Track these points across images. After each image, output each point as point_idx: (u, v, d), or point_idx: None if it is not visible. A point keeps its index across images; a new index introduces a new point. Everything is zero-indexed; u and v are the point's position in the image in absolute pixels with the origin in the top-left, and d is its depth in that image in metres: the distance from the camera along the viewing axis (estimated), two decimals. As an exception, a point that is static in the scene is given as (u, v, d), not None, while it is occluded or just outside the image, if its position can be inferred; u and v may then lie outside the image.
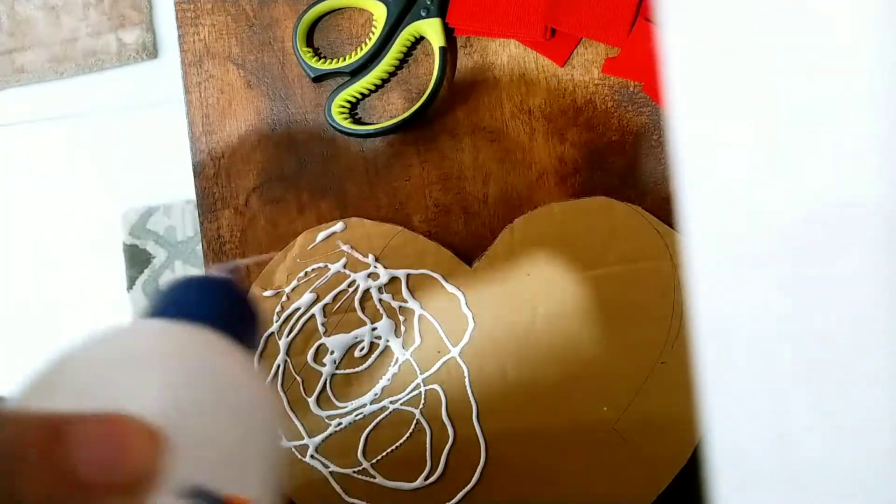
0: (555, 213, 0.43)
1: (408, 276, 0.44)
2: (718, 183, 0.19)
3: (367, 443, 0.44)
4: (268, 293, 0.45)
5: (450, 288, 0.44)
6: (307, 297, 0.45)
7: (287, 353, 0.45)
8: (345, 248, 0.45)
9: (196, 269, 1.04)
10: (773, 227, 0.19)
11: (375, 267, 0.44)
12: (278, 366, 0.45)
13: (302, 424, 0.44)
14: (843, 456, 0.18)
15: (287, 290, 0.45)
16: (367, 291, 0.44)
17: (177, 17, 0.47)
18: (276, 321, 0.45)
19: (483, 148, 0.45)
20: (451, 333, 0.44)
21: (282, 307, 0.45)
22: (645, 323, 0.42)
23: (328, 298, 0.44)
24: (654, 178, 0.43)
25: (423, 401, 0.44)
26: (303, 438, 0.44)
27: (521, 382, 0.43)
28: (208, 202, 0.47)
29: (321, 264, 0.45)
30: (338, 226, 0.45)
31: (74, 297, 1.06)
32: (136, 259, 1.05)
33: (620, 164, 0.44)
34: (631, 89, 0.44)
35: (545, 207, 0.44)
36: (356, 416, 0.44)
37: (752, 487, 0.19)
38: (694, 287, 0.19)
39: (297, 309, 0.45)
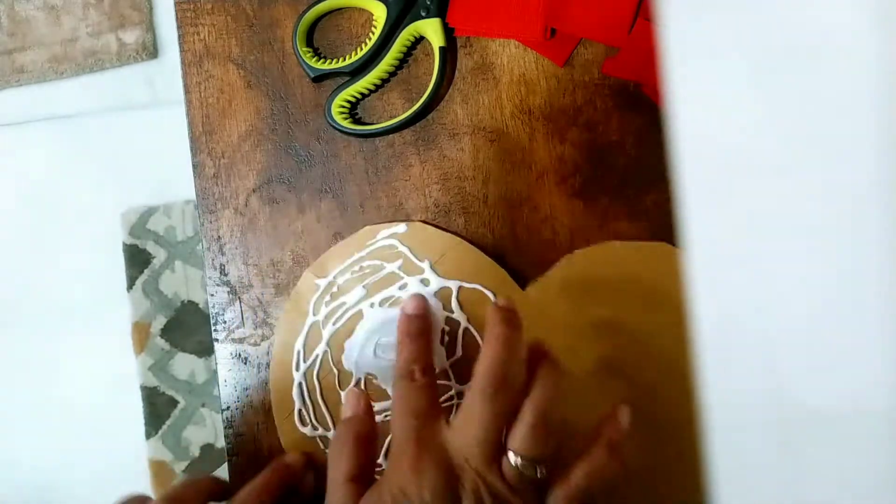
0: (616, 251, 0.43)
1: (459, 287, 0.44)
2: (719, 182, 0.19)
3: (390, 445, 0.44)
4: (320, 281, 0.45)
5: None
6: (357, 291, 0.45)
7: (328, 343, 0.45)
8: (403, 249, 0.45)
9: (196, 269, 1.04)
10: (773, 226, 0.19)
11: (429, 273, 0.44)
12: (317, 355, 0.45)
13: (331, 416, 0.44)
14: (841, 442, 0.18)
15: (340, 281, 0.45)
16: None
17: (177, 17, 0.47)
18: (324, 310, 0.45)
19: (483, 148, 0.45)
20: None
21: (331, 297, 0.45)
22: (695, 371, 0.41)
23: (377, 297, 0.44)
24: (654, 178, 0.43)
25: (454, 412, 0.43)
26: (329, 430, 0.44)
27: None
28: (208, 202, 0.47)
29: (377, 261, 0.45)
30: (400, 227, 0.45)
31: (74, 296, 1.06)
32: (136, 259, 1.05)
33: (620, 164, 0.44)
34: (631, 89, 0.44)
35: (607, 244, 0.43)
36: (385, 417, 0.44)
37: (751, 472, 0.19)
38: (694, 286, 0.19)
39: (344, 303, 0.45)
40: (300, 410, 0.45)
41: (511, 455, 0.34)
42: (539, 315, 0.43)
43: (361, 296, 0.44)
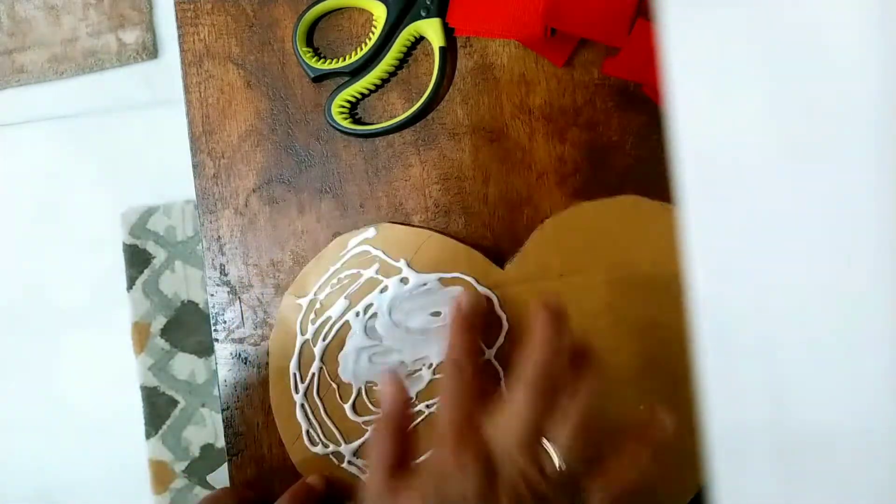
0: (585, 212, 0.43)
1: (439, 279, 0.44)
2: (719, 183, 0.19)
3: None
4: (301, 300, 0.45)
5: (482, 290, 0.43)
6: (340, 303, 0.45)
7: (322, 359, 0.45)
8: (376, 252, 0.44)
9: (196, 269, 1.04)
10: (775, 231, 0.19)
11: (407, 271, 0.44)
12: (313, 373, 0.45)
13: (339, 430, 0.44)
14: (841, 430, 0.18)
15: (321, 297, 0.45)
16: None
17: (177, 17, 0.47)
18: (311, 328, 0.45)
19: (483, 148, 0.45)
20: (486, 336, 0.43)
21: (315, 314, 0.45)
22: (683, 323, 0.42)
23: (361, 305, 0.44)
24: (654, 178, 0.43)
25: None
26: (340, 444, 0.44)
27: None
28: (208, 202, 0.47)
29: (353, 270, 0.45)
30: (369, 231, 0.45)
31: (74, 296, 1.06)
32: (136, 259, 1.05)
33: (620, 164, 0.44)
34: (631, 89, 0.44)
35: (575, 207, 0.43)
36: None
37: (749, 463, 0.19)
38: (694, 294, 0.19)
39: (330, 317, 0.45)
40: (308, 431, 0.45)
41: (553, 453, 0.35)
42: (521, 289, 0.43)
43: (345, 307, 0.45)
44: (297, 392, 0.45)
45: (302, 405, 0.45)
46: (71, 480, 1.09)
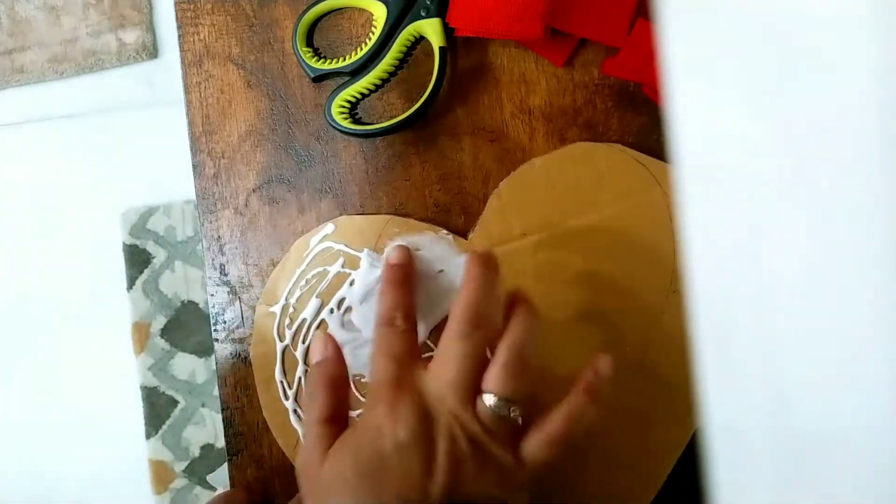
0: (537, 168, 0.43)
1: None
2: (717, 181, 0.19)
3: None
4: (274, 308, 0.45)
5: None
6: (313, 303, 0.45)
7: (305, 362, 0.45)
8: (339, 247, 0.45)
9: (196, 269, 1.04)
10: (776, 230, 0.19)
11: (371, 259, 0.44)
12: (300, 377, 0.45)
13: None
14: (841, 423, 0.18)
15: (292, 301, 0.45)
16: None
17: (177, 17, 0.47)
18: (289, 333, 0.45)
19: (483, 148, 0.45)
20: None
21: (290, 319, 0.45)
22: (650, 255, 0.42)
23: (333, 301, 0.44)
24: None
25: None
26: None
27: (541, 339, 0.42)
28: (208, 202, 0.47)
29: (320, 269, 0.45)
30: (328, 227, 0.45)
31: (74, 296, 1.06)
32: (136, 259, 1.05)
33: (620, 164, 0.44)
34: (631, 89, 0.44)
35: (526, 164, 0.44)
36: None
37: (749, 462, 0.19)
38: (694, 293, 0.19)
39: (305, 319, 0.45)
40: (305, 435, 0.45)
41: (486, 395, 0.34)
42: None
43: (318, 306, 0.45)
44: (286, 399, 0.45)
45: (294, 410, 0.45)
46: (71, 480, 1.09)
